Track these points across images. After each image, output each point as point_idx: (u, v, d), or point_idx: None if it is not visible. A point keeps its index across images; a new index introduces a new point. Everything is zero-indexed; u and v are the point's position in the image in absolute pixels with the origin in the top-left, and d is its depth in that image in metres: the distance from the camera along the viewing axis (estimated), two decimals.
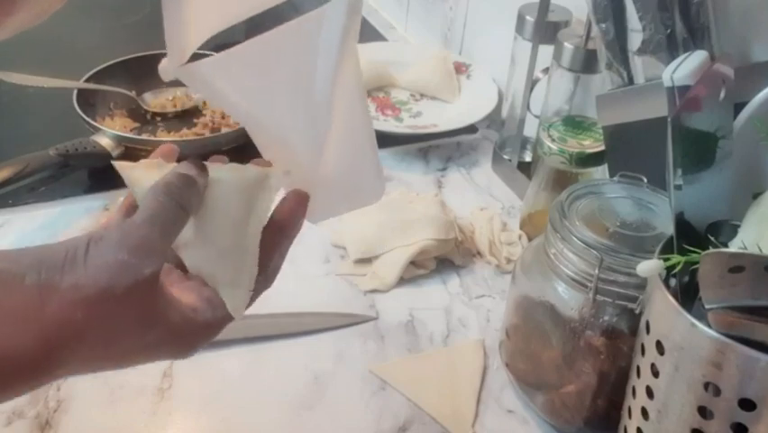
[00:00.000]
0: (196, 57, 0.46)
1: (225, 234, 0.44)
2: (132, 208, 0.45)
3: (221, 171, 0.46)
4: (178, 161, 0.46)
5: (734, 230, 0.51)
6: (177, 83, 1.07)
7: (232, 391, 0.67)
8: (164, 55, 0.47)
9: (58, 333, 0.37)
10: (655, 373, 0.49)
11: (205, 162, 0.45)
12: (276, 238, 0.46)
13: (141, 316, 0.40)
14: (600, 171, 0.76)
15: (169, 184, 0.43)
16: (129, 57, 1.06)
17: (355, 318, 0.75)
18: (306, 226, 0.47)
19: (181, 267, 0.46)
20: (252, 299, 0.46)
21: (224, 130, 0.96)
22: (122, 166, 0.45)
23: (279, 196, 0.48)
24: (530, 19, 0.89)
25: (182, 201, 0.42)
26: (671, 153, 0.49)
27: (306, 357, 0.71)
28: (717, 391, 0.45)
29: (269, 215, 0.46)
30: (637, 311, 0.53)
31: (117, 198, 0.87)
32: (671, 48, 0.63)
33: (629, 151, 0.69)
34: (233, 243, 0.45)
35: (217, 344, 0.67)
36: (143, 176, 0.44)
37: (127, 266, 0.38)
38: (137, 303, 0.39)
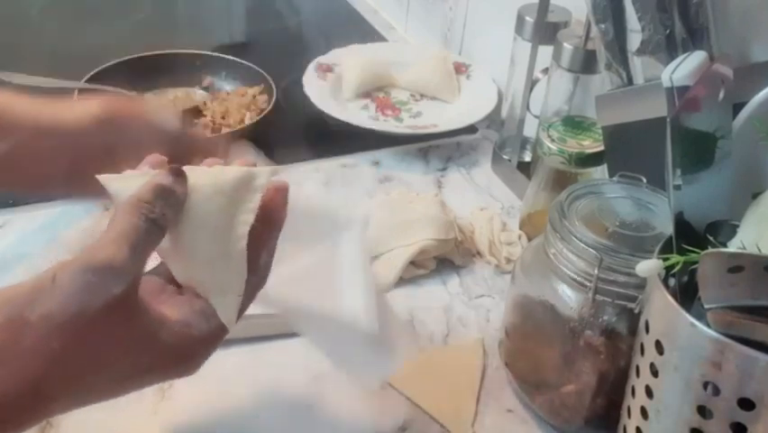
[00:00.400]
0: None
1: (210, 242, 0.43)
2: None
3: (202, 176, 0.44)
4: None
5: (733, 230, 0.51)
6: (177, 83, 1.08)
7: (231, 392, 0.67)
8: (164, 55, 0.47)
9: (38, 366, 0.37)
10: (655, 373, 0.49)
11: (186, 167, 0.44)
12: (263, 235, 0.45)
13: (124, 338, 0.39)
14: (600, 171, 0.76)
15: (139, 198, 0.41)
16: (129, 57, 1.06)
17: None
18: None
19: (176, 281, 0.45)
20: (247, 301, 0.45)
21: (225, 130, 0.96)
22: (104, 179, 0.43)
23: None
24: (530, 19, 0.89)
25: (153, 215, 0.41)
26: (670, 153, 0.49)
27: (306, 357, 0.70)
28: (717, 391, 0.46)
29: (254, 215, 0.44)
30: (637, 311, 0.53)
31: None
32: (670, 48, 0.63)
33: (628, 151, 0.69)
34: (220, 248, 0.43)
35: None
36: (126, 188, 0.43)
37: (94, 288, 0.37)
38: (115, 325, 0.39)
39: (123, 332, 0.39)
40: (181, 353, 0.42)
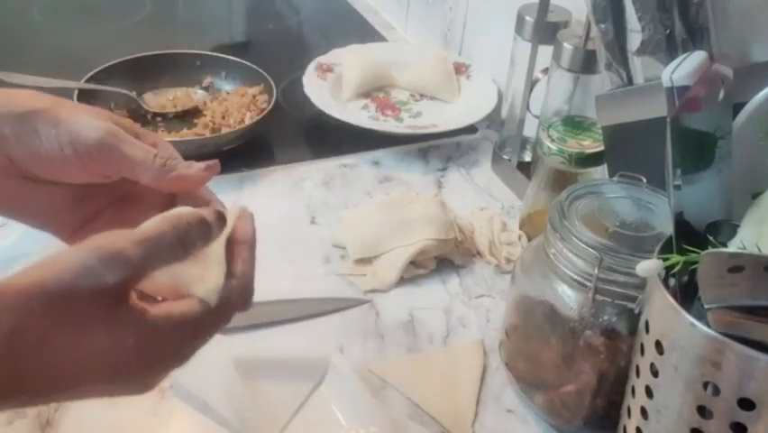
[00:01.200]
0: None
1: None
2: None
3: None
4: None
5: (733, 230, 0.51)
6: (177, 83, 1.08)
7: (231, 392, 0.67)
8: (164, 55, 0.48)
9: (13, 320, 0.36)
10: (655, 373, 0.49)
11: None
12: (233, 248, 0.46)
13: (108, 320, 0.39)
14: (600, 171, 0.76)
15: (181, 218, 0.43)
16: (129, 57, 1.06)
17: (349, 303, 0.76)
18: (306, 227, 0.47)
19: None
20: (235, 304, 0.46)
21: (225, 130, 0.96)
22: None
23: None
24: (530, 19, 0.89)
25: (184, 236, 0.42)
26: (670, 153, 0.49)
27: (307, 350, 0.71)
28: (717, 391, 0.46)
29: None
30: (637, 311, 0.53)
31: None
32: (670, 48, 0.63)
33: (629, 151, 0.69)
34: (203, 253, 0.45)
35: None
36: None
37: (92, 271, 0.38)
38: (101, 308, 0.39)
39: (107, 314, 0.39)
40: (163, 336, 0.42)
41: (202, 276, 0.45)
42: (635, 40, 0.65)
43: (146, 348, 0.41)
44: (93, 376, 0.40)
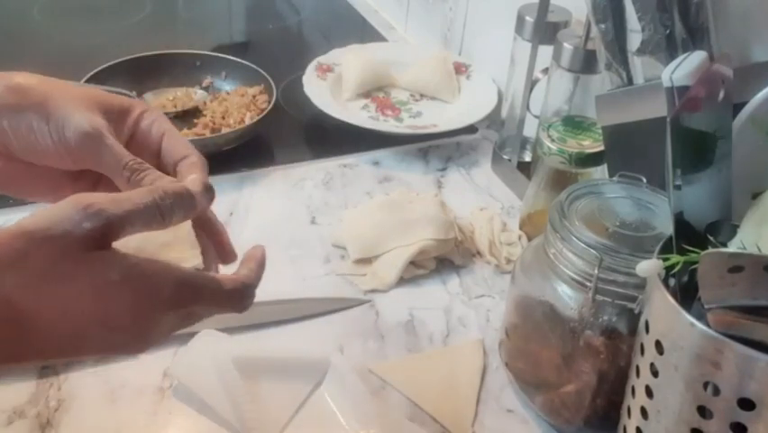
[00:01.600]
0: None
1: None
2: None
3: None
4: None
5: (733, 230, 0.51)
6: (177, 83, 1.08)
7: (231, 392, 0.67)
8: (164, 55, 0.50)
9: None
10: (655, 373, 0.49)
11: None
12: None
13: (91, 257, 0.40)
14: (600, 171, 0.76)
15: (162, 187, 0.44)
16: (129, 57, 1.06)
17: (349, 303, 0.76)
18: (306, 227, 0.47)
19: None
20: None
21: (225, 130, 0.96)
22: None
23: None
24: (530, 19, 0.89)
25: (162, 203, 0.44)
26: (670, 153, 0.49)
27: (307, 349, 0.71)
28: (717, 391, 0.46)
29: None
30: (637, 311, 0.53)
31: None
32: (670, 48, 0.63)
33: (629, 151, 0.69)
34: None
35: None
36: None
37: (68, 217, 0.40)
38: (81, 248, 0.40)
39: (90, 254, 0.40)
40: (155, 277, 0.43)
41: (180, 260, 0.46)
42: (635, 40, 0.65)
43: (134, 285, 0.42)
44: (83, 318, 0.41)
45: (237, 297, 0.47)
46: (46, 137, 0.48)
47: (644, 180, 0.63)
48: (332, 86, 1.09)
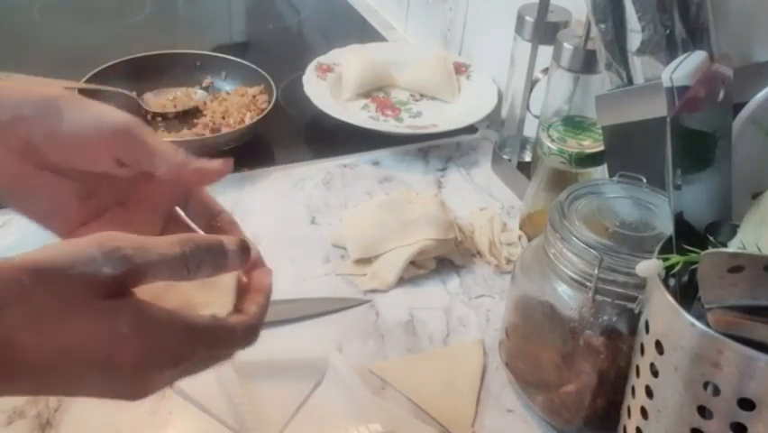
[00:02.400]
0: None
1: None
2: None
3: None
4: None
5: (733, 230, 0.51)
6: (177, 83, 1.08)
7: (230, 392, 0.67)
8: (164, 55, 0.49)
9: (3, 292, 0.36)
10: (655, 373, 0.49)
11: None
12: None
13: (104, 306, 0.38)
14: (600, 171, 0.76)
15: (194, 239, 0.42)
16: (129, 57, 1.06)
17: (349, 303, 0.76)
18: (306, 227, 0.47)
19: None
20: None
21: (224, 130, 0.96)
22: None
23: None
24: (530, 19, 0.89)
25: (190, 256, 0.41)
26: (670, 153, 0.49)
27: (307, 349, 0.71)
28: (717, 391, 0.46)
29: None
30: (637, 311, 0.53)
31: None
32: (670, 48, 0.63)
33: (629, 151, 0.69)
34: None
35: None
36: None
37: (90, 259, 0.38)
38: (96, 294, 0.38)
39: (104, 302, 0.39)
40: (166, 333, 0.41)
41: (210, 303, 0.45)
42: (635, 40, 0.65)
43: (142, 340, 0.40)
44: (84, 362, 0.39)
45: (248, 340, 0.46)
46: (75, 123, 0.46)
47: (644, 180, 0.63)
48: (332, 86, 1.09)
